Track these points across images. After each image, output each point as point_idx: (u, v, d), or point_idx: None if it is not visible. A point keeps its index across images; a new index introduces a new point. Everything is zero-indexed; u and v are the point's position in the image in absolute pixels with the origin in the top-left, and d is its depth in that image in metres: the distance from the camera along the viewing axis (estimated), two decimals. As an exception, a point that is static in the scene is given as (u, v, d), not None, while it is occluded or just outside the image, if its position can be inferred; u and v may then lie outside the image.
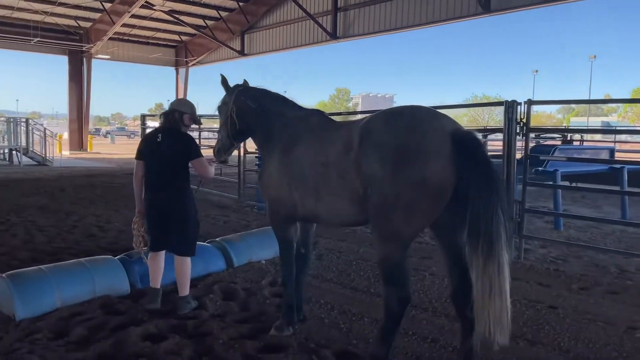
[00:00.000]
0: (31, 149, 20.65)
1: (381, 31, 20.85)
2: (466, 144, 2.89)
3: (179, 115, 4.36)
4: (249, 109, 4.11)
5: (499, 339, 2.76)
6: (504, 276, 2.74)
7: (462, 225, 2.95)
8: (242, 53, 27.72)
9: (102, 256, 5.06)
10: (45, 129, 21.74)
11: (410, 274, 3.21)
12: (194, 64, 31.51)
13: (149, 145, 4.35)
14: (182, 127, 4.43)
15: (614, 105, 73.17)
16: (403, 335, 3.92)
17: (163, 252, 4.44)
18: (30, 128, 20.51)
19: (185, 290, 4.36)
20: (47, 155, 21.13)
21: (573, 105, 76.96)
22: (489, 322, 2.73)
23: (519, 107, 6.38)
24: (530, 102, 6.39)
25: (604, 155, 11.02)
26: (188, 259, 4.35)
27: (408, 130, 2.97)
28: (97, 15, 26.87)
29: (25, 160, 20.62)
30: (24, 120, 20.88)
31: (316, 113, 4.00)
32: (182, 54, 31.85)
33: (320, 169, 3.41)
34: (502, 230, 2.75)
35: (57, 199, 10.61)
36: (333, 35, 22.23)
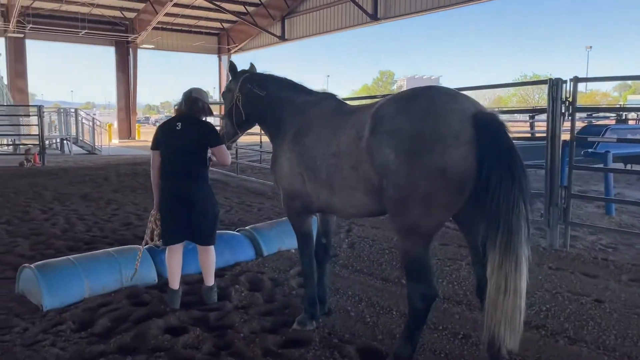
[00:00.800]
0: (81, 138, 21.33)
1: (423, 10, 20.26)
2: (488, 128, 2.64)
3: (201, 105, 4.19)
4: (256, 97, 3.98)
5: (509, 342, 2.56)
6: (521, 273, 2.53)
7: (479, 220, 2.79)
8: (282, 38, 27.67)
9: (130, 246, 5.06)
10: (93, 118, 22.40)
11: (433, 269, 2.98)
12: (235, 51, 31.70)
13: (168, 134, 4.13)
14: (202, 116, 4.28)
15: (677, 81, 68.87)
16: (432, 330, 3.72)
17: (181, 247, 4.27)
18: (79, 118, 21.15)
19: (212, 279, 4.30)
20: (96, 144, 21.80)
21: (629, 82, 72.81)
22: (500, 322, 2.54)
23: (564, 85, 5.98)
24: (576, 80, 5.97)
25: (663, 135, 10.29)
26: (212, 247, 4.27)
27: (423, 114, 2.72)
28: (141, 6, 27.43)
29: (75, 149, 21.36)
30: (73, 110, 21.54)
31: (328, 97, 3.79)
32: (224, 41, 32.11)
33: (333, 160, 3.22)
34: (522, 223, 2.55)
35: (100, 187, 10.86)
36: (374, 17, 21.80)
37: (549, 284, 4.72)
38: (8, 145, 19.12)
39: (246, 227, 5.93)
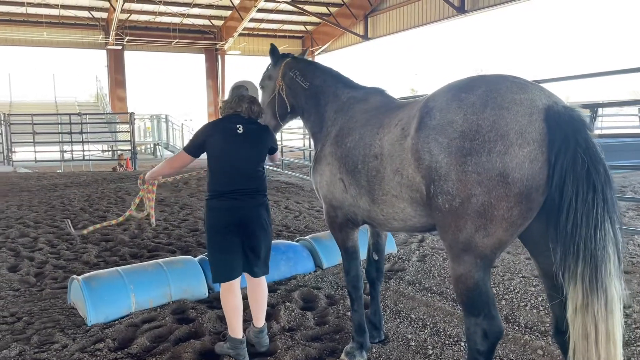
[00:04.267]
0: (171, 143, 22.26)
1: (514, 0, 18.88)
2: (563, 124, 2.07)
3: (259, 108, 3.50)
4: (298, 88, 3.56)
5: None
6: (614, 316, 2.00)
7: None
8: (365, 37, 27.24)
9: (181, 257, 4.85)
10: (182, 124, 23.30)
11: (494, 300, 2.38)
12: (319, 53, 31.71)
13: (225, 138, 3.30)
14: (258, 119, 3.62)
15: None
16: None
17: (239, 283, 3.41)
18: (169, 124, 22.08)
19: (263, 318, 3.51)
20: (185, 148, 22.65)
21: None
22: None
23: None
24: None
25: None
26: (265, 279, 3.55)
27: (480, 106, 2.19)
28: (228, 13, 28.20)
29: (167, 153, 22.33)
30: (164, 116, 22.54)
31: (376, 92, 3.29)
32: (307, 43, 32.22)
33: (374, 163, 2.73)
34: (611, 250, 2.01)
35: (179, 192, 11.03)
36: (460, 9, 20.73)
37: None
38: (104, 151, 20.38)
39: (306, 237, 5.54)
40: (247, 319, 3.58)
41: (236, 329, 3.34)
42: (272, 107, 3.69)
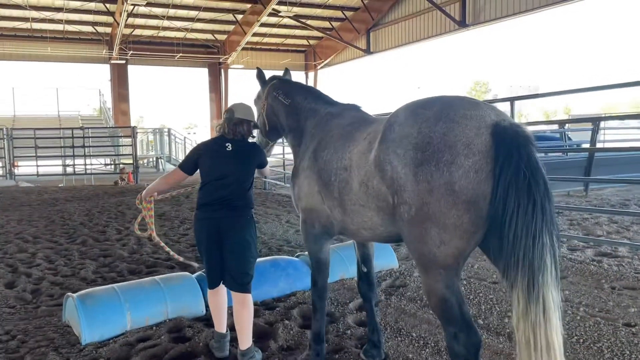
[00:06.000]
0: (174, 156, 22.28)
1: (517, 13, 19.01)
2: (507, 138, 2.18)
3: (248, 128, 3.62)
4: (281, 106, 3.73)
5: None
6: (552, 323, 2.09)
7: None
8: (367, 52, 27.38)
9: (178, 273, 4.78)
10: (185, 137, 23.34)
11: (465, 309, 2.38)
12: (322, 67, 31.86)
13: (215, 156, 3.53)
14: (249, 138, 3.76)
15: None
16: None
17: (224, 288, 3.65)
18: (172, 137, 22.12)
19: (248, 340, 3.46)
20: (188, 162, 22.67)
21: None
22: None
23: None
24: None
25: None
26: (250, 297, 3.52)
27: (433, 120, 2.32)
28: (231, 28, 28.39)
29: (169, 167, 22.33)
30: (167, 130, 22.58)
31: (351, 108, 3.41)
32: (310, 57, 32.39)
33: (344, 175, 2.84)
34: (548, 260, 2.12)
35: (180, 206, 10.98)
36: (462, 24, 20.84)
37: None
38: (106, 164, 20.41)
39: (306, 252, 5.46)
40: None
41: (218, 325, 3.66)
42: (260, 125, 3.89)
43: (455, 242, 2.26)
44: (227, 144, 3.54)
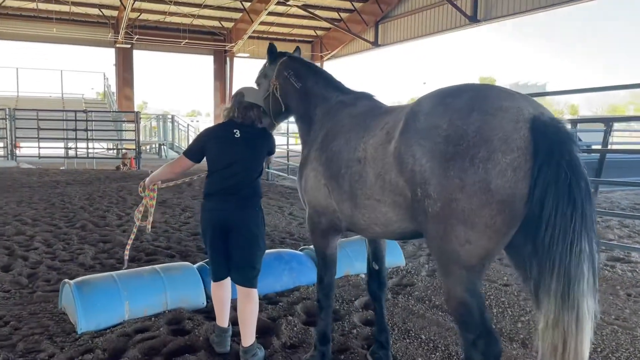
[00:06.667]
0: (176, 143, 22.10)
1: (528, 10, 18.70)
2: (548, 135, 2.01)
3: (258, 113, 3.43)
4: (291, 88, 3.50)
5: None
6: (584, 333, 1.96)
7: None
8: (375, 44, 27.09)
9: (180, 263, 4.63)
10: (188, 125, 23.16)
11: (487, 315, 2.25)
12: (328, 58, 31.55)
13: (222, 143, 3.32)
14: (258, 123, 3.52)
15: None
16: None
17: (229, 281, 3.48)
18: (175, 124, 21.93)
19: (252, 336, 3.29)
20: (191, 149, 22.52)
21: None
22: None
23: None
24: None
25: None
26: (255, 292, 3.36)
27: (466, 111, 2.14)
28: (238, 15, 28.08)
29: (172, 154, 22.17)
30: (170, 117, 22.40)
31: (364, 97, 3.21)
32: (317, 48, 32.08)
33: (357, 167, 2.67)
34: (585, 268, 1.96)
35: (181, 193, 10.84)
36: (473, 19, 20.52)
37: None
38: (109, 149, 20.25)
39: (311, 246, 5.30)
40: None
41: (220, 319, 3.50)
42: (266, 106, 3.60)
43: (484, 242, 2.12)
44: (235, 130, 3.33)
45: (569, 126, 2.10)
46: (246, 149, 3.33)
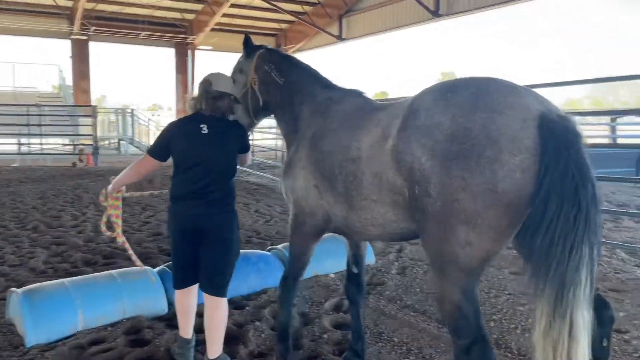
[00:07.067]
0: (137, 138, 21.45)
1: (490, 5, 18.90)
2: (557, 134, 1.91)
3: (229, 103, 3.09)
4: (273, 83, 3.29)
5: None
6: (578, 344, 1.83)
7: None
8: (340, 38, 26.96)
9: (138, 268, 4.36)
10: (149, 119, 22.52)
11: (482, 322, 2.15)
12: (293, 52, 31.23)
13: (188, 140, 3.00)
14: (229, 115, 3.21)
15: None
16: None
17: (196, 289, 3.21)
18: (135, 118, 21.27)
19: (219, 348, 3.07)
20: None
21: None
22: None
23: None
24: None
25: None
26: (226, 302, 3.12)
27: (469, 107, 2.03)
28: (200, 7, 27.45)
29: (132, 149, 21.49)
30: (130, 111, 21.72)
31: (354, 94, 3.06)
32: (281, 42, 31.67)
33: (351, 167, 2.55)
34: (583, 274, 1.85)
35: (142, 191, 10.43)
36: (435, 13, 20.62)
37: None
38: (64, 145, 19.44)
39: (278, 246, 5.12)
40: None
41: (184, 329, 3.22)
42: (244, 103, 3.36)
43: (486, 244, 2.03)
44: (202, 125, 3.01)
45: (577, 124, 2.00)
46: (216, 146, 3.01)
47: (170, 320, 3.85)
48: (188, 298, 3.20)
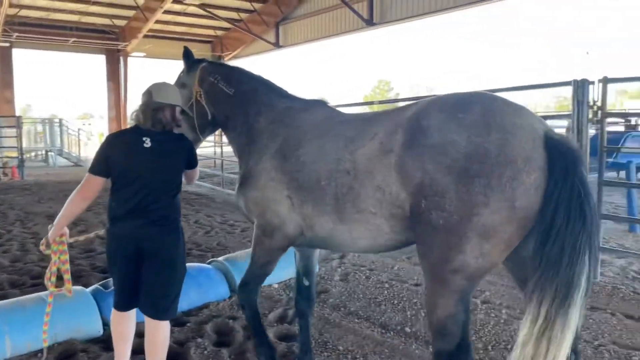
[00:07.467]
0: (66, 149, 20.49)
1: (421, 14, 19.51)
2: (563, 154, 2.10)
3: (172, 114, 2.90)
4: (221, 95, 3.22)
5: None
6: (566, 342, 2.00)
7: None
8: (277, 45, 26.96)
9: (72, 287, 4.13)
10: (79, 129, 21.59)
11: (468, 329, 2.29)
12: (229, 59, 30.91)
13: (129, 154, 2.82)
14: (173, 127, 3.01)
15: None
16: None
17: (134, 314, 3.01)
18: (64, 128, 20.32)
19: None
20: (83, 155, 20.98)
21: (627, 88, 72.00)
22: None
23: (591, 87, 5.14)
24: (606, 81, 5.13)
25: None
26: (168, 325, 2.97)
27: (483, 128, 2.15)
28: (131, 13, 26.64)
29: (62, 161, 20.51)
30: (57, 120, 20.73)
31: (320, 103, 3.07)
32: (217, 49, 31.35)
33: (346, 179, 2.52)
34: (582, 280, 2.04)
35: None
36: (369, 22, 21.05)
37: (588, 333, 3.81)
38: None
39: (219, 258, 5.02)
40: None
41: (120, 356, 3.01)
42: (189, 118, 3.23)
43: (496, 255, 2.19)
44: (144, 138, 2.81)
45: (576, 143, 2.23)
46: (159, 161, 2.82)
47: (106, 341, 3.67)
48: (125, 323, 2.98)
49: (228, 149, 12.53)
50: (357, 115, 2.88)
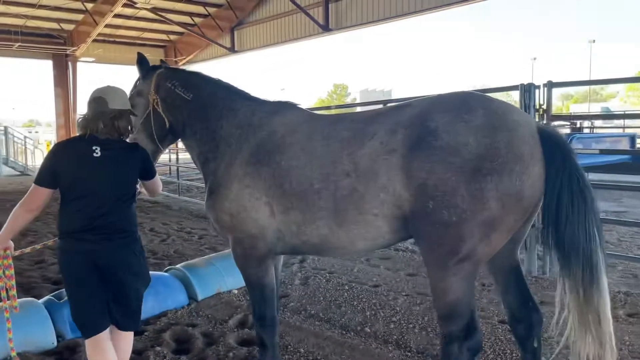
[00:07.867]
0: (12, 158, 19.68)
1: (375, 21, 19.81)
2: (558, 145, 2.36)
3: (128, 121, 2.77)
4: (178, 101, 3.13)
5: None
6: (607, 305, 2.31)
7: (519, 240, 2.69)
8: (232, 50, 26.78)
9: (27, 299, 4.00)
10: (25, 137, 20.79)
11: (474, 304, 2.51)
12: (183, 63, 30.47)
13: (79, 165, 2.65)
14: (127, 136, 2.88)
15: (613, 90, 72.04)
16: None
17: (108, 334, 2.75)
18: (9, 136, 19.52)
19: None
20: (29, 164, 20.19)
21: (572, 92, 75.39)
22: (604, 346, 2.32)
23: (537, 91, 5.38)
24: (551, 85, 5.38)
25: (624, 144, 10.01)
26: (132, 335, 2.93)
27: (489, 129, 2.32)
28: (80, 17, 25.87)
29: (7, 170, 19.67)
30: (2, 128, 19.89)
31: (291, 106, 3.03)
32: (171, 53, 30.85)
33: (345, 181, 2.52)
34: (600, 253, 2.33)
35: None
36: (325, 28, 21.23)
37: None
38: None
39: (177, 265, 4.96)
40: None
41: None
42: (147, 128, 3.14)
43: (501, 242, 2.41)
44: (94, 147, 2.64)
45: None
46: (110, 171, 2.67)
47: (59, 354, 3.58)
48: (103, 350, 2.68)
49: (184, 156, 12.38)
50: (343, 116, 2.84)
